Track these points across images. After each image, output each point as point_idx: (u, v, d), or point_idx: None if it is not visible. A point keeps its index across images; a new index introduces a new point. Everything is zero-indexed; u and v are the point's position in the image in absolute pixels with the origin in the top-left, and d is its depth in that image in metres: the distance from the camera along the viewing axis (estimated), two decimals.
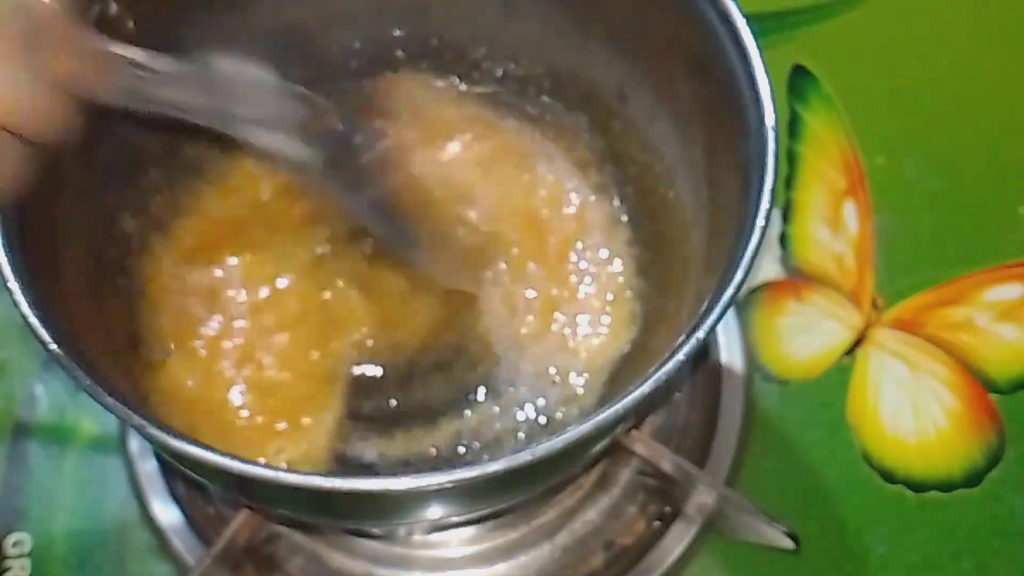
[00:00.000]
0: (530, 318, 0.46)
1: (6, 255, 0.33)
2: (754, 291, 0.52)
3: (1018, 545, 0.47)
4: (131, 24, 0.38)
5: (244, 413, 0.44)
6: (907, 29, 0.58)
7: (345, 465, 0.44)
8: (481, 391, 0.45)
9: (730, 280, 0.33)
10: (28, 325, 0.32)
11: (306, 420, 0.44)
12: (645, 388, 0.31)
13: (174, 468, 0.46)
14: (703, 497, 0.46)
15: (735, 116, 0.36)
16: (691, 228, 0.41)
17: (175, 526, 0.47)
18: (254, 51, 0.44)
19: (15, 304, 0.32)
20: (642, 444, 0.45)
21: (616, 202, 0.47)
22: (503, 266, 0.47)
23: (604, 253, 0.47)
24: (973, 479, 0.49)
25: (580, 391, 0.45)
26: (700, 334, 0.32)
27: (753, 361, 0.51)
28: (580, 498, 0.48)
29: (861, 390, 0.50)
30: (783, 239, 0.53)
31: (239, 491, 0.38)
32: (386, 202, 0.41)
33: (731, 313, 0.51)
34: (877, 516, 0.48)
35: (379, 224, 0.43)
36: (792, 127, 0.55)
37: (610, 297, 0.46)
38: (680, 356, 0.31)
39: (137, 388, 0.41)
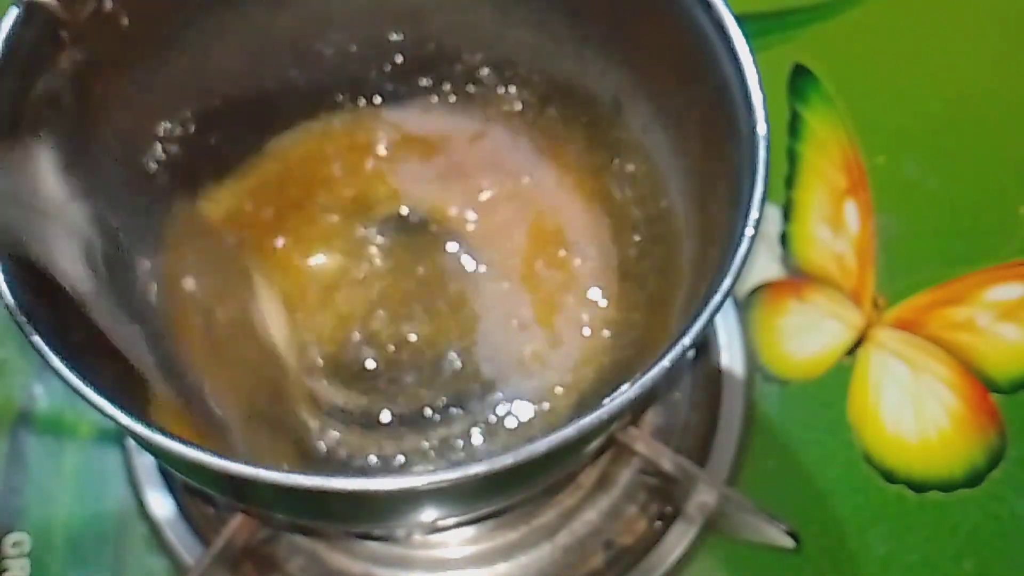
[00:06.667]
0: (521, 327, 0.46)
1: None
2: (755, 291, 0.52)
3: (1019, 545, 0.47)
4: (125, 22, 0.38)
5: None
6: (908, 28, 0.58)
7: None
8: (466, 398, 0.45)
9: (717, 288, 0.33)
10: (12, 317, 0.32)
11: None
12: (631, 393, 0.31)
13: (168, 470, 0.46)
14: (704, 497, 0.46)
15: (728, 125, 0.36)
16: (683, 237, 0.41)
17: (173, 522, 0.47)
18: (248, 51, 0.44)
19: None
20: (643, 443, 0.45)
21: (609, 210, 0.47)
22: (483, 272, 0.47)
23: (595, 261, 0.47)
24: (974, 479, 0.48)
25: (566, 400, 0.45)
26: (686, 340, 0.32)
27: (754, 361, 0.51)
28: (580, 498, 0.48)
29: (862, 390, 0.50)
30: (784, 238, 0.53)
31: (231, 494, 0.38)
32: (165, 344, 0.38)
33: (731, 313, 0.51)
34: (878, 516, 0.48)
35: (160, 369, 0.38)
36: (793, 126, 0.55)
37: (602, 305, 0.46)
38: (665, 362, 0.32)
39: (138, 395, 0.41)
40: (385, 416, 0.45)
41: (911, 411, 0.50)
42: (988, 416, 0.50)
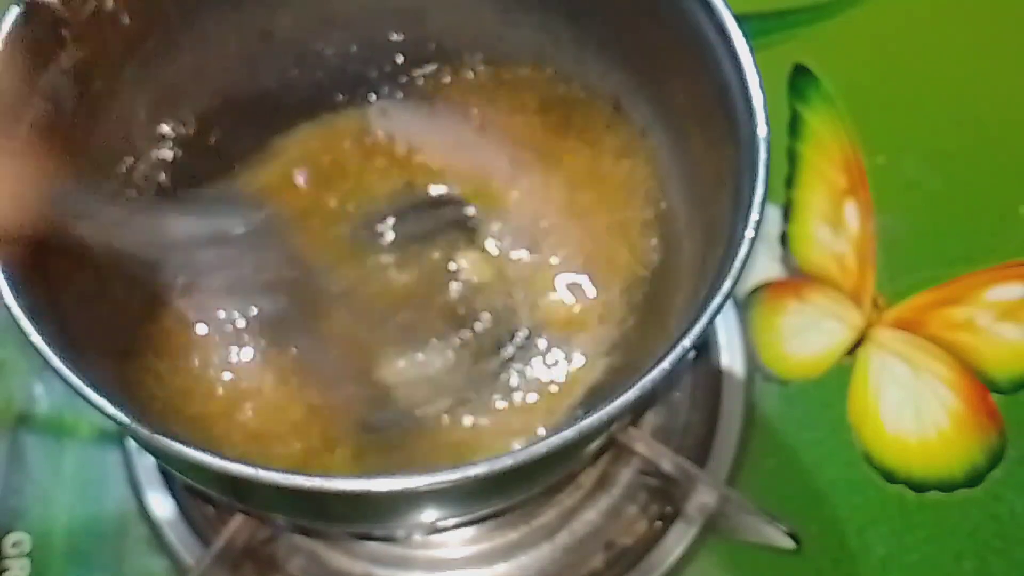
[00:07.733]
0: (517, 330, 0.46)
1: None
2: (755, 291, 0.52)
3: (1019, 545, 0.47)
4: (126, 21, 0.38)
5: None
6: (908, 28, 0.58)
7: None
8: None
9: (717, 290, 0.33)
10: (12, 317, 0.32)
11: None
12: (631, 395, 0.31)
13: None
14: (704, 497, 0.46)
15: (728, 126, 0.36)
16: (683, 238, 0.41)
17: (173, 522, 0.47)
18: (249, 51, 0.44)
19: None
20: (643, 444, 0.45)
21: (609, 212, 0.47)
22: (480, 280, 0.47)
23: (595, 262, 0.47)
24: (974, 479, 0.48)
25: (565, 401, 0.45)
26: (686, 342, 0.32)
27: (754, 361, 0.51)
28: (580, 498, 0.48)
29: (862, 390, 0.50)
30: (784, 238, 0.53)
31: (231, 494, 0.38)
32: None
33: (732, 313, 0.51)
34: (878, 516, 0.48)
35: None
36: (793, 126, 0.55)
37: (599, 308, 0.46)
38: (665, 364, 0.32)
39: (138, 396, 0.41)
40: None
41: (911, 411, 0.50)
42: (988, 416, 0.50)
